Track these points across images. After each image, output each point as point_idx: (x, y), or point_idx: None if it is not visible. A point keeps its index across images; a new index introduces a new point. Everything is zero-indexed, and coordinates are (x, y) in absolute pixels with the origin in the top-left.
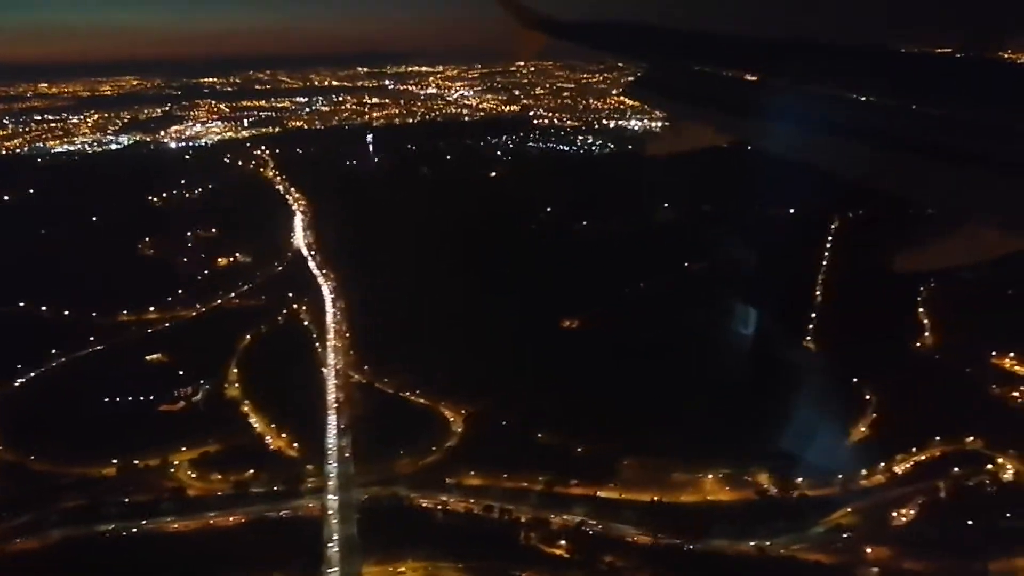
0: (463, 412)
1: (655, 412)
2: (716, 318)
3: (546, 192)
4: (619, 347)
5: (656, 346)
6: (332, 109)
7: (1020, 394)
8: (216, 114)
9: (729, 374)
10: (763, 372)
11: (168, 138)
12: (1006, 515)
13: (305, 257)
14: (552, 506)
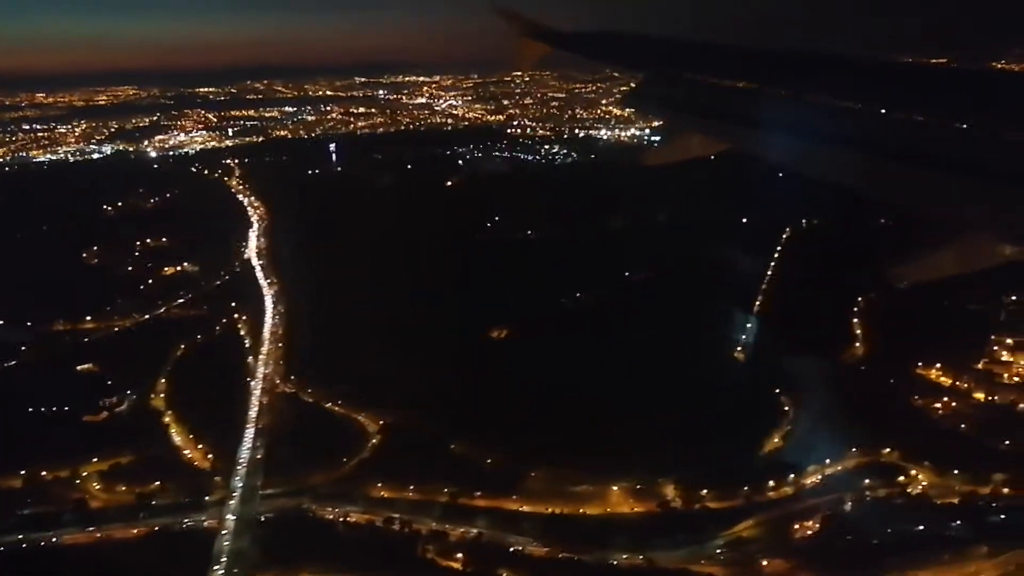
0: (381, 423)
1: (571, 423)
2: (645, 329)
3: (498, 201)
4: (544, 357)
5: (580, 357)
6: (318, 119)
7: (942, 405)
8: (202, 124)
9: (649, 386)
10: (684, 384)
11: (151, 147)
12: (912, 528)
13: (253, 266)
14: (454, 518)
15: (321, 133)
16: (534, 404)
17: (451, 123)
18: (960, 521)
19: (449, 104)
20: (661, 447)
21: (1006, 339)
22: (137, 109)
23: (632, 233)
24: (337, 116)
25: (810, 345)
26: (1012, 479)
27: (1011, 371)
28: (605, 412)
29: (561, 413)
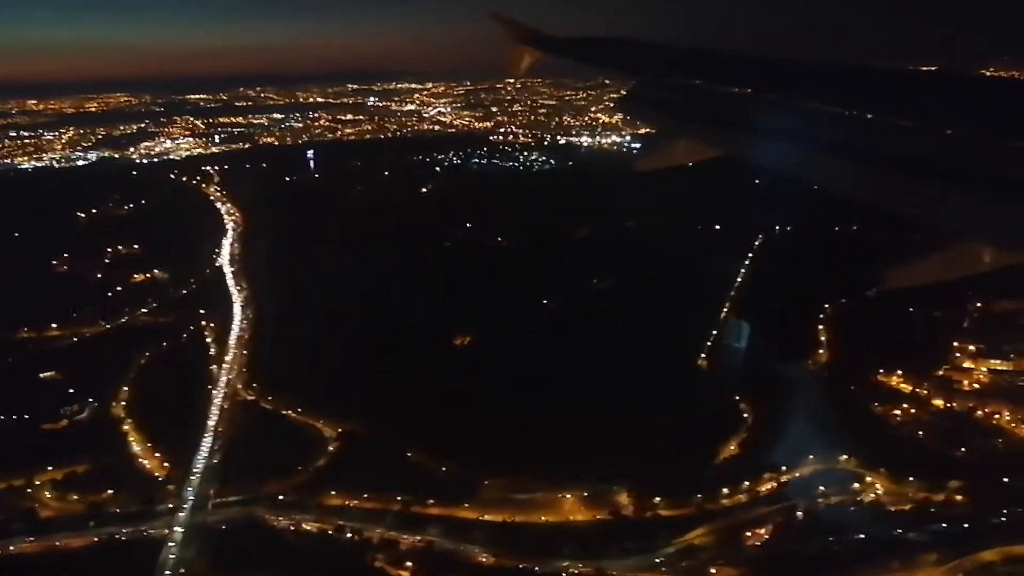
0: (339, 430)
1: (529, 430)
2: (608, 336)
3: (471, 208)
4: (506, 365)
5: (542, 365)
6: (305, 126)
7: (901, 412)
8: (190, 131)
9: (609, 393)
10: (644, 391)
11: (136, 154)
12: (864, 535)
13: (224, 273)
14: (406, 526)
15: (307, 140)
16: (493, 412)
17: (437, 130)
18: (912, 528)
19: (438, 111)
20: (617, 454)
21: (968, 346)
22: (126, 116)
23: (603, 240)
24: (324, 123)
25: (774, 352)
26: (965, 486)
27: (971, 378)
28: (563, 419)
29: (519, 421)
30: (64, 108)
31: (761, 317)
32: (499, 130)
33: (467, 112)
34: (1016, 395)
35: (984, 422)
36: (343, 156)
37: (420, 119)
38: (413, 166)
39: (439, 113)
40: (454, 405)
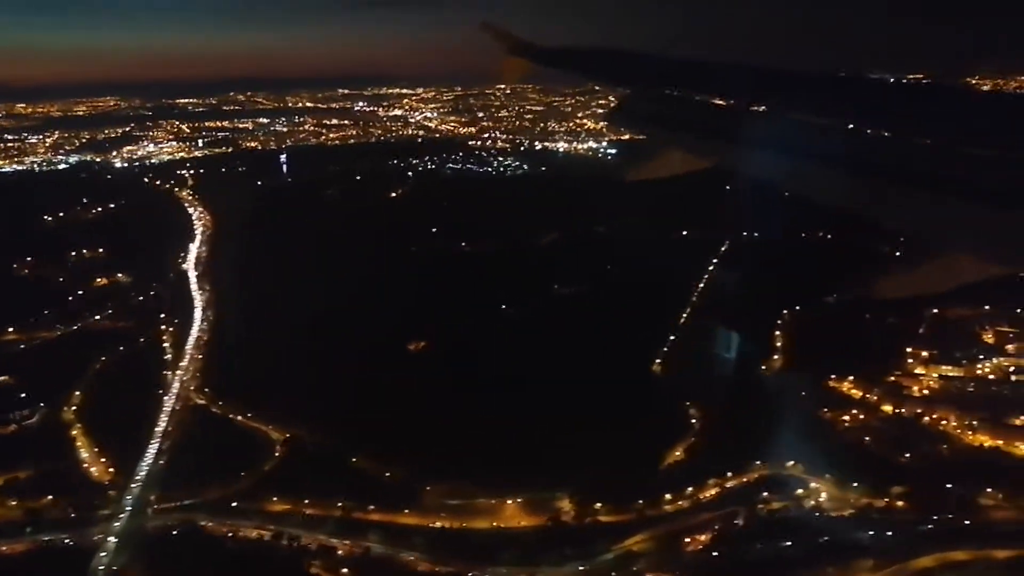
0: (287, 436)
1: (477, 436)
2: (564, 342)
3: (438, 213)
4: (458, 370)
5: (495, 370)
6: (290, 130)
7: (850, 418)
8: (174, 134)
9: (560, 399)
10: (596, 397)
11: (117, 158)
12: (802, 542)
13: (188, 277)
14: (345, 533)
15: (291, 144)
16: (441, 417)
17: (421, 135)
18: (851, 534)
19: (424, 116)
20: (563, 460)
21: (921, 352)
22: (113, 120)
23: (570, 245)
24: (309, 128)
25: (728, 358)
26: (907, 492)
27: (921, 384)
28: (513, 425)
29: (468, 426)
30: (52, 112)
31: (720, 322)
32: (483, 135)
33: (453, 117)
34: (964, 401)
35: (930, 428)
36: (320, 160)
37: (405, 124)
38: (387, 171)
39: (425, 118)
40: (403, 411)
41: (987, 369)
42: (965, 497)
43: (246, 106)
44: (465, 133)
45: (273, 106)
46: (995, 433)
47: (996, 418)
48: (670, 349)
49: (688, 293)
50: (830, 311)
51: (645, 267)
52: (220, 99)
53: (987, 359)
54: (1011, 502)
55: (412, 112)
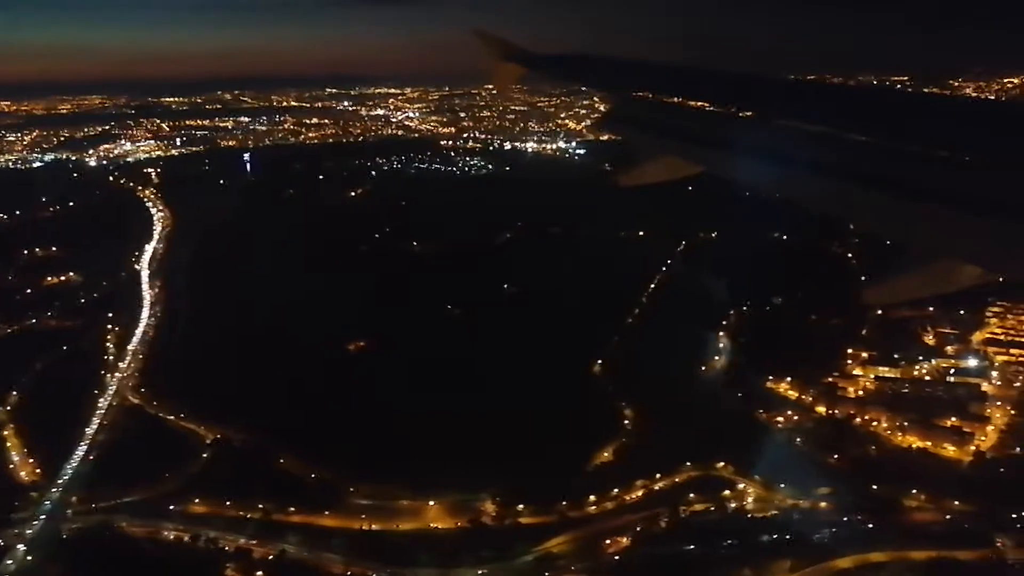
0: (218, 436)
1: (408, 437)
2: (506, 342)
3: (394, 212)
4: (395, 370)
5: (433, 370)
6: (269, 129)
7: (784, 419)
8: (153, 133)
9: (496, 399)
10: (532, 397)
11: (92, 157)
12: (723, 543)
13: (140, 276)
14: (263, 535)
15: (269, 143)
16: (374, 418)
17: (400, 134)
18: (772, 535)
19: (406, 116)
20: (492, 461)
21: (862, 353)
22: (96, 118)
23: (523, 245)
24: (289, 127)
25: (670, 358)
26: (832, 493)
27: (857, 385)
28: (444, 426)
29: (399, 427)
30: (35, 110)
31: (666, 323)
32: (461, 135)
33: (435, 117)
34: (896, 402)
35: (861, 429)
36: (289, 159)
37: (386, 124)
38: (352, 170)
39: (407, 118)
40: (336, 411)
41: (924, 370)
42: (889, 498)
43: (231, 105)
44: (444, 133)
45: (258, 105)
46: (924, 434)
47: (926, 419)
48: (612, 350)
49: (638, 294)
50: (776, 313)
51: (598, 267)
52: (206, 98)
53: (926, 360)
54: (934, 503)
55: (395, 112)
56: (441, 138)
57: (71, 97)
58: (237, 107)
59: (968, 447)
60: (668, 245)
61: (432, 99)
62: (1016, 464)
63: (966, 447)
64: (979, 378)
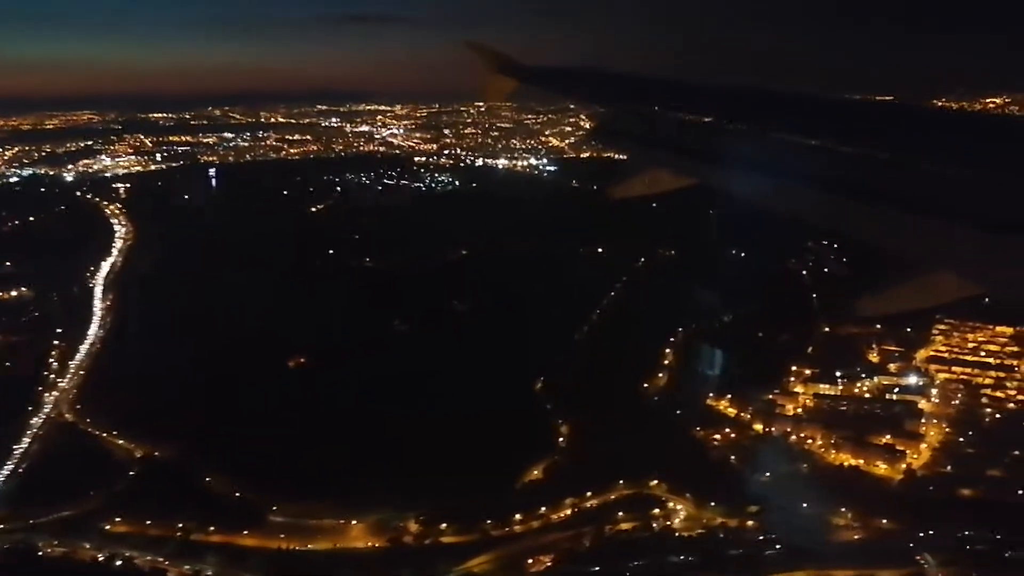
0: (148, 454)
1: (340, 455)
2: (448, 359)
3: (353, 228)
4: (333, 387)
5: (370, 387)
6: (252, 145)
7: (721, 436)
8: (135, 149)
9: (431, 417)
10: (468, 415)
11: (70, 172)
12: (645, 562)
13: (94, 292)
14: (181, 555)
15: (249, 159)
16: (308, 435)
17: (380, 150)
18: (696, 554)
19: (390, 133)
20: (421, 479)
21: (805, 370)
22: (80, 134)
23: (478, 262)
24: (271, 143)
25: (613, 376)
26: (760, 511)
27: (796, 403)
28: (378, 443)
29: (332, 444)
30: (22, 125)
31: (613, 340)
32: (442, 151)
33: (419, 134)
34: (832, 420)
35: (796, 447)
36: (260, 175)
37: (369, 140)
38: (320, 185)
39: (391, 135)
40: (268, 428)
41: (864, 388)
42: (816, 516)
43: (220, 121)
44: (424, 149)
45: (246, 121)
46: (857, 452)
47: (860, 437)
48: (555, 367)
49: (588, 311)
50: (724, 330)
51: (551, 285)
52: (195, 113)
53: (868, 377)
54: (861, 522)
55: (379, 128)
56: (419, 154)
57: (61, 112)
58: (225, 123)
59: (899, 465)
60: (626, 262)
61: (420, 116)
62: (945, 482)
63: (897, 465)
64: (918, 396)
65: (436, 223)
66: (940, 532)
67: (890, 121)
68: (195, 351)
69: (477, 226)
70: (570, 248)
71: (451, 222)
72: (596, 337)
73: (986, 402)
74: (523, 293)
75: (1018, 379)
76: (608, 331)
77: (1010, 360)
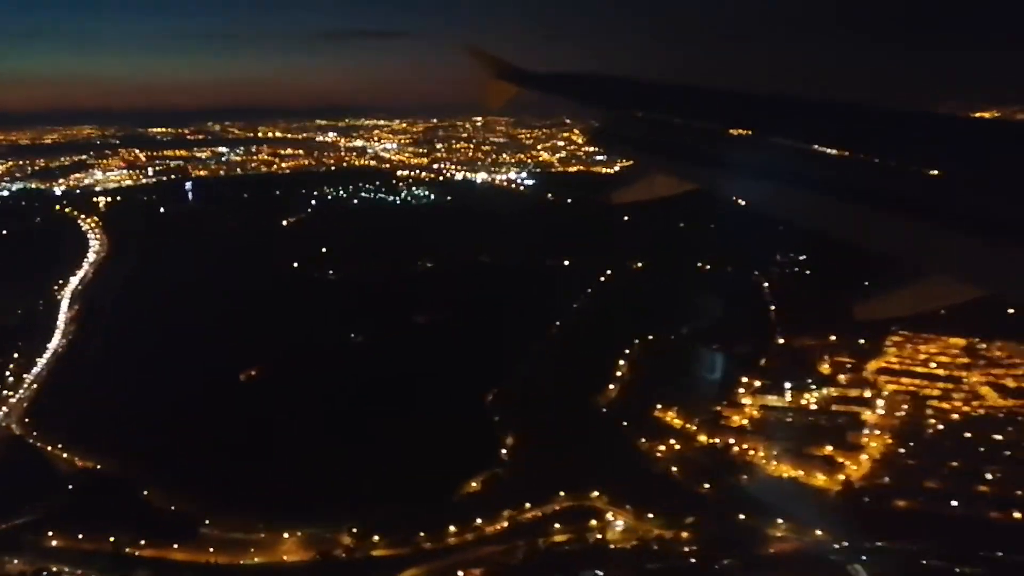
0: (91, 467)
1: (284, 468)
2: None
3: (321, 241)
4: (283, 399)
5: (319, 399)
6: (244, 159)
7: (665, 448)
8: (129, 163)
9: (375, 429)
10: (412, 427)
11: (60, 186)
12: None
13: (60, 305)
14: (111, 568)
15: (240, 173)
16: (251, 447)
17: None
18: (626, 567)
19: (383, 147)
20: (360, 491)
21: (755, 382)
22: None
23: (444, 274)
24: (263, 157)
25: (565, 388)
26: (697, 523)
27: (743, 414)
28: (320, 455)
29: (276, 457)
30: (20, 139)
31: (569, 352)
32: (432, 166)
33: (411, 148)
34: (775, 431)
35: (737, 459)
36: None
37: (361, 154)
38: (297, 198)
39: (384, 149)
40: (213, 440)
41: (812, 399)
42: (752, 528)
43: (219, 135)
44: (414, 163)
45: (244, 135)
46: (797, 464)
47: (802, 449)
48: (508, 379)
49: (548, 323)
50: (680, 342)
51: (513, 297)
52: (195, 128)
53: (817, 389)
54: (797, 533)
55: (373, 143)
56: (407, 168)
57: (63, 127)
58: (223, 137)
59: (837, 476)
60: (592, 274)
61: (417, 131)
62: (882, 494)
63: (835, 476)
64: (863, 407)
65: (405, 235)
66: (872, 543)
67: (891, 126)
68: (149, 364)
69: (446, 238)
70: (536, 260)
71: (420, 234)
72: (553, 349)
73: (931, 413)
74: (484, 305)
75: (965, 390)
76: (565, 343)
77: (959, 371)
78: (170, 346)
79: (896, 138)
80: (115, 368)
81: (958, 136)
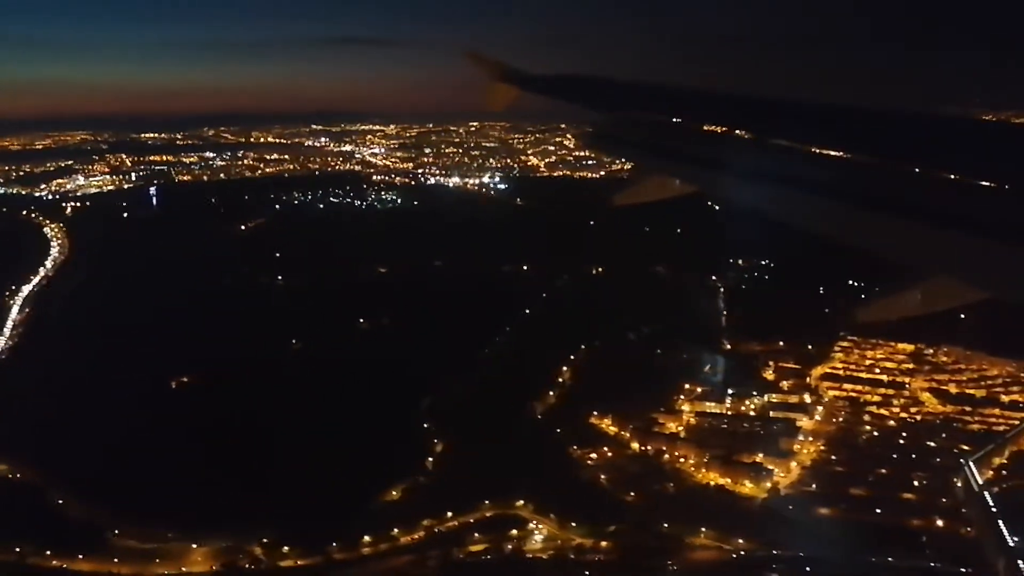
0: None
1: (203, 477)
2: (337, 378)
3: (275, 245)
4: (212, 407)
5: (251, 407)
6: (229, 164)
7: (597, 455)
8: (113, 168)
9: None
10: (339, 434)
11: (41, 191)
12: None
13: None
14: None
15: (223, 178)
16: (172, 456)
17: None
18: None
19: (371, 152)
20: (278, 501)
21: (696, 388)
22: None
23: (397, 279)
24: (248, 162)
25: (503, 395)
26: (619, 531)
27: (679, 421)
28: (240, 465)
29: (197, 466)
30: (12, 145)
31: (513, 358)
32: (416, 170)
33: (400, 153)
34: (709, 439)
35: (667, 466)
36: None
37: (347, 159)
38: (263, 202)
39: (371, 154)
40: (133, 449)
41: (750, 406)
42: (674, 536)
43: (211, 140)
44: (399, 168)
45: (236, 141)
46: (726, 471)
47: (733, 456)
48: (446, 387)
49: (496, 330)
50: (626, 348)
51: (465, 303)
52: (188, 133)
53: (757, 396)
54: (719, 541)
55: (361, 148)
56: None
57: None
58: (214, 143)
59: (765, 484)
60: (548, 280)
61: (409, 135)
62: (807, 501)
63: (763, 484)
64: (800, 414)
65: (365, 240)
66: (794, 552)
67: (891, 128)
68: (81, 370)
69: (405, 244)
70: (494, 266)
71: (379, 239)
72: (497, 355)
73: (868, 419)
74: (433, 311)
75: (906, 396)
76: (511, 349)
77: (903, 377)
78: (102, 353)
79: (896, 140)
80: (44, 375)
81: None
